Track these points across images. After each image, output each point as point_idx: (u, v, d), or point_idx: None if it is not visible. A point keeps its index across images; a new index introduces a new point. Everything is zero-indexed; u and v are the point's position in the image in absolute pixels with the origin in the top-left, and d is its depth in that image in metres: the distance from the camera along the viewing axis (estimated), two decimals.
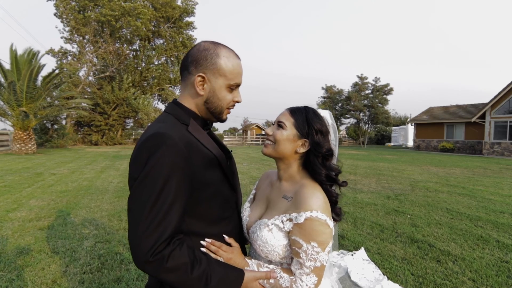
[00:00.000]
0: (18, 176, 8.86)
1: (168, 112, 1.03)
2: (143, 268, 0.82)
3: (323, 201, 1.00)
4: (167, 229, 0.82)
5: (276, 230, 1.02)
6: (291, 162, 1.11)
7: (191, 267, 0.84)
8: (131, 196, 0.86)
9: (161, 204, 0.83)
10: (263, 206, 1.17)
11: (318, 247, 0.96)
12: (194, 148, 0.94)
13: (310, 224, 0.96)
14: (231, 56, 1.02)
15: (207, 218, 0.98)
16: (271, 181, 1.23)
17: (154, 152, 0.85)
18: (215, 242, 0.98)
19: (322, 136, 1.08)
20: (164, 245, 0.82)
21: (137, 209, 0.83)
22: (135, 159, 0.90)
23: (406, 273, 3.06)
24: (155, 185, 0.83)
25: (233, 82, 1.01)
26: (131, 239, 0.83)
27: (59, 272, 3.02)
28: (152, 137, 0.88)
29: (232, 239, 1.05)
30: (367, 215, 5.12)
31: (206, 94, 1.01)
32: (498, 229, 4.48)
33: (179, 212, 0.87)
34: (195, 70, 1.00)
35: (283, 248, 1.02)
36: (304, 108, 1.13)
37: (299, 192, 1.03)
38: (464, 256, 3.48)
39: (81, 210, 5.27)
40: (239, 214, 1.16)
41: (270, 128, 1.14)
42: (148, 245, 0.80)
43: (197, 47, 1.02)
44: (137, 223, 0.82)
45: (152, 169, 0.84)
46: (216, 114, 1.05)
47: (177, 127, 0.96)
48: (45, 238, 3.92)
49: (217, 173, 1.01)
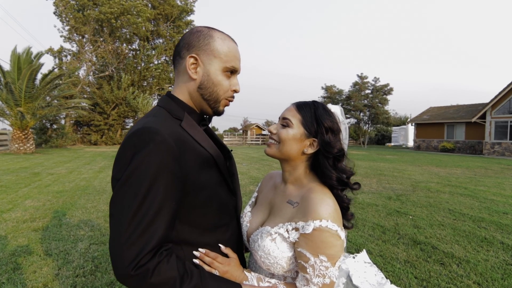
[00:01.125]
0: (15, 176, 8.76)
1: (160, 105, 0.92)
2: (124, 282, 0.72)
3: (334, 208, 0.89)
4: (152, 238, 0.72)
5: (279, 240, 0.91)
6: (297, 164, 1.00)
7: (180, 283, 0.74)
8: (113, 200, 0.76)
9: (146, 210, 0.72)
10: (265, 211, 1.05)
11: (328, 262, 0.85)
12: (187, 146, 0.83)
13: (319, 235, 0.84)
14: (226, 38, 0.93)
15: (202, 225, 0.88)
16: (274, 183, 1.11)
17: (139, 150, 0.75)
18: (210, 253, 0.88)
19: (333, 134, 0.96)
20: (149, 257, 0.71)
21: (118, 215, 0.73)
22: (118, 157, 0.79)
23: (409, 276, 2.96)
24: (140, 187, 0.73)
25: (229, 65, 0.91)
26: (112, 249, 0.72)
27: (51, 275, 2.92)
28: (138, 132, 0.77)
29: (229, 249, 0.94)
30: (369, 216, 5.03)
31: (199, 78, 0.90)
32: (502, 230, 4.39)
33: (167, 219, 0.76)
34: (187, 53, 0.90)
35: (288, 260, 0.91)
36: (312, 103, 1.00)
37: (306, 198, 0.92)
38: (469, 259, 3.38)
39: (77, 210, 5.18)
40: (238, 220, 1.04)
41: (274, 125, 1.01)
42: (130, 257, 0.69)
43: (189, 31, 0.93)
44: (118, 231, 0.72)
45: (137, 169, 0.73)
46: (211, 102, 0.93)
47: (168, 122, 0.85)
48: (38, 239, 3.83)
49: (214, 174, 0.90)
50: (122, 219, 0.72)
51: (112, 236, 0.73)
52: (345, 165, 0.99)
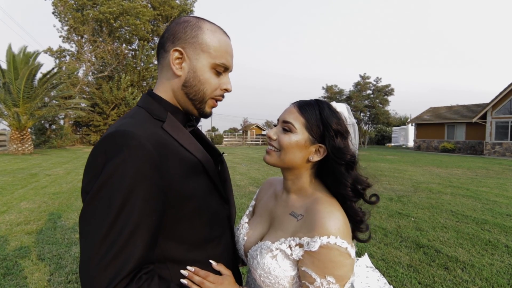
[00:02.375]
0: (12, 177, 8.66)
1: (140, 105, 0.82)
2: None
3: (343, 222, 0.78)
4: (128, 261, 0.61)
5: (281, 257, 0.80)
6: (301, 172, 0.88)
7: None
8: (82, 216, 0.64)
9: (121, 228, 0.61)
10: (265, 223, 0.94)
11: (336, 284, 0.74)
12: (169, 150, 0.72)
13: (327, 254, 0.74)
14: (218, 31, 0.81)
15: (190, 240, 0.77)
16: (275, 191, 0.99)
17: (111, 157, 0.64)
18: (200, 271, 0.77)
19: (343, 138, 0.85)
20: (125, 282, 0.61)
21: (89, 234, 0.62)
22: (88, 166, 0.68)
23: (413, 282, 2.87)
24: (113, 201, 0.62)
25: (219, 62, 0.80)
26: (82, 274, 0.61)
27: (43, 281, 2.83)
28: (111, 136, 0.67)
29: (221, 265, 0.83)
30: (370, 218, 4.92)
31: (184, 74, 0.79)
32: (506, 233, 4.29)
33: (147, 237, 0.65)
34: (171, 45, 0.79)
35: (290, 280, 0.80)
36: (316, 103, 0.88)
37: (312, 210, 0.81)
38: (473, 263, 3.29)
39: (72, 213, 5.08)
40: (232, 232, 0.93)
41: (273, 130, 0.88)
42: (103, 283, 0.59)
43: (176, 20, 0.82)
44: (89, 253, 0.61)
45: (109, 180, 0.63)
46: (196, 102, 0.82)
47: (147, 124, 0.74)
48: (32, 243, 3.73)
49: (202, 182, 0.79)
50: (93, 238, 0.61)
51: (82, 258, 0.62)
52: (360, 175, 0.87)
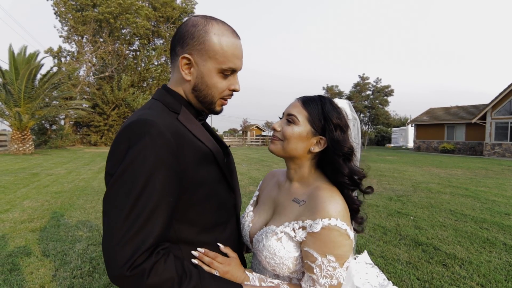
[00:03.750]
0: (14, 176, 8.72)
1: (156, 98, 0.87)
2: (118, 284, 0.67)
3: (343, 206, 0.85)
4: (148, 237, 0.67)
5: (286, 240, 0.87)
6: (303, 162, 0.95)
7: (179, 284, 0.69)
8: (106, 197, 0.71)
9: (142, 207, 0.68)
10: (269, 210, 1.01)
11: (336, 262, 0.81)
12: (185, 140, 0.78)
13: (328, 234, 0.81)
14: (225, 34, 0.84)
15: (200, 223, 0.83)
16: (278, 181, 1.06)
17: (134, 143, 0.70)
18: (209, 252, 0.83)
19: (342, 132, 0.92)
20: (145, 256, 0.67)
21: (112, 212, 0.68)
22: (112, 151, 0.75)
23: (411, 278, 2.92)
24: (135, 183, 0.68)
25: (226, 66, 0.83)
26: (105, 249, 0.67)
27: (48, 276, 2.88)
28: (133, 124, 0.73)
29: (228, 248, 0.89)
30: (369, 217, 4.98)
31: (193, 79, 0.84)
32: (505, 231, 4.35)
33: (165, 217, 0.71)
34: (181, 51, 0.84)
35: (294, 261, 0.87)
36: (318, 98, 0.95)
37: (314, 195, 0.87)
38: (471, 260, 3.34)
39: (75, 211, 5.14)
40: (237, 219, 0.99)
41: (278, 122, 0.96)
42: (125, 257, 0.65)
43: (185, 22, 0.86)
44: (112, 230, 0.67)
45: (132, 164, 0.69)
46: (206, 104, 0.88)
47: (164, 115, 0.80)
48: (36, 240, 3.78)
49: (213, 171, 0.85)
50: (117, 216, 0.67)
51: (105, 235, 0.68)
52: (356, 166, 0.94)
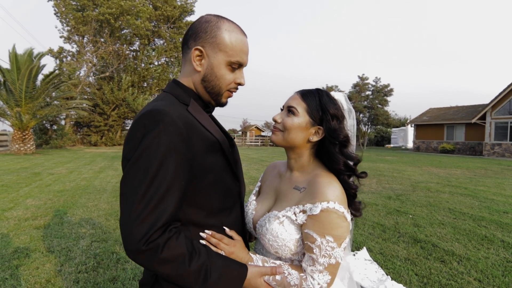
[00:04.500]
0: (16, 175, 8.77)
1: (167, 91, 0.94)
2: (134, 258, 0.74)
3: (340, 191, 0.91)
4: (162, 215, 0.74)
5: (287, 223, 0.93)
6: (302, 151, 1.02)
7: (189, 259, 0.76)
8: (124, 179, 0.77)
9: (156, 188, 0.74)
10: (271, 198, 1.07)
11: (334, 242, 0.87)
12: (194, 129, 0.85)
13: (326, 216, 0.87)
14: (235, 30, 0.92)
15: (207, 207, 0.89)
16: (279, 172, 1.13)
17: (149, 130, 0.76)
18: (216, 234, 0.89)
19: (338, 122, 0.98)
20: (159, 233, 0.73)
21: (129, 193, 0.75)
22: (128, 138, 0.81)
23: (410, 273, 2.98)
24: (150, 167, 0.74)
25: (234, 59, 0.91)
26: (122, 226, 0.74)
27: (54, 271, 2.94)
28: (148, 114, 0.79)
29: (234, 231, 0.95)
30: (369, 215, 5.04)
31: (203, 70, 0.91)
32: (503, 229, 4.40)
33: (177, 197, 0.78)
34: (193, 44, 0.91)
35: (295, 242, 0.93)
36: (316, 91, 1.02)
37: (313, 182, 0.94)
38: (469, 256, 3.40)
39: (78, 209, 5.19)
40: (241, 206, 1.06)
41: (278, 114, 1.02)
42: (141, 233, 0.71)
43: (198, 19, 0.93)
44: (129, 209, 0.73)
45: (147, 149, 0.75)
46: (213, 95, 0.95)
47: (176, 106, 0.87)
48: (40, 237, 3.84)
49: (219, 159, 0.91)
50: (133, 196, 0.73)
51: (123, 213, 0.75)
52: (352, 152, 1.01)
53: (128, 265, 3.08)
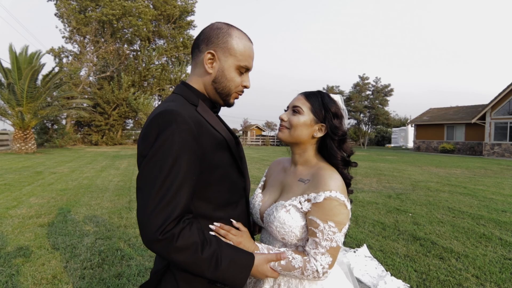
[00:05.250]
0: (18, 174, 8.84)
1: (177, 92, 1.01)
2: (151, 247, 0.80)
3: (341, 182, 1.00)
4: (176, 207, 0.80)
5: (293, 211, 1.01)
6: (307, 147, 1.11)
7: (201, 247, 0.82)
8: (140, 175, 0.83)
9: (171, 183, 0.80)
10: (277, 191, 1.15)
11: (335, 227, 0.95)
12: (203, 128, 0.91)
13: (329, 204, 0.96)
14: (244, 38, 1.00)
15: (215, 201, 0.96)
16: (284, 167, 1.21)
17: (163, 129, 0.82)
18: (224, 226, 0.96)
19: (338, 119, 1.08)
20: (174, 223, 0.79)
21: (146, 187, 0.81)
22: (144, 136, 0.87)
23: (409, 270, 3.03)
24: (165, 163, 0.81)
25: (243, 64, 0.99)
26: (140, 218, 0.80)
27: (60, 267, 2.99)
28: (162, 114, 0.85)
29: (240, 223, 1.02)
30: (369, 214, 5.10)
31: (214, 73, 0.98)
32: (501, 227, 4.46)
33: (189, 192, 0.84)
34: (205, 48, 0.98)
35: (301, 229, 1.01)
36: (318, 92, 1.12)
37: (317, 174, 1.03)
38: (467, 253, 3.46)
39: (81, 207, 5.25)
40: (246, 200, 1.12)
41: (285, 114, 1.11)
42: (158, 223, 0.77)
43: (210, 26, 1.00)
44: (146, 202, 0.80)
45: (162, 147, 0.81)
46: (223, 95, 1.01)
47: (186, 106, 0.93)
48: (45, 234, 3.90)
49: (226, 156, 0.98)
50: (150, 190, 0.80)
51: (140, 206, 0.81)
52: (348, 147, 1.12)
53: (133, 261, 3.13)
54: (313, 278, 0.98)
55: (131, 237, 3.83)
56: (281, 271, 0.98)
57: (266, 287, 1.07)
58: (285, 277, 1.03)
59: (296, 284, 1.03)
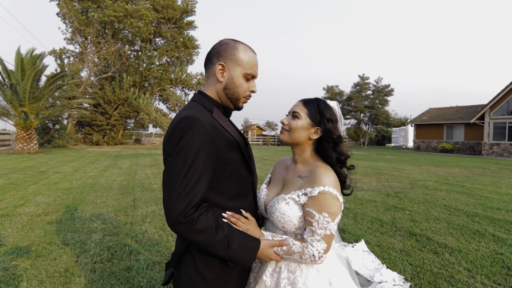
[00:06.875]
0: (23, 174, 8.99)
1: (195, 100, 1.18)
2: (175, 228, 0.96)
3: (335, 179, 1.15)
4: (196, 196, 0.96)
5: (292, 203, 1.16)
6: (305, 147, 1.25)
7: (216, 231, 0.98)
8: (166, 169, 1.01)
9: (192, 175, 0.97)
10: (279, 186, 1.30)
11: (329, 217, 1.10)
12: (218, 131, 1.08)
13: (323, 197, 1.10)
14: (248, 50, 1.18)
15: (227, 193, 1.12)
16: (286, 165, 1.37)
17: (186, 132, 0.99)
18: (235, 215, 1.12)
19: (332, 124, 1.22)
20: (194, 209, 0.95)
21: (171, 179, 0.98)
22: (169, 138, 1.04)
23: (404, 263, 3.18)
24: (187, 159, 0.97)
25: (249, 72, 1.16)
26: (166, 204, 0.97)
27: (71, 262, 3.14)
28: (184, 119, 1.02)
29: (249, 213, 1.18)
30: (367, 211, 5.24)
31: (225, 81, 1.15)
32: (494, 224, 4.60)
33: (206, 184, 1.00)
34: (216, 60, 1.15)
35: (298, 219, 1.16)
36: (315, 99, 1.27)
37: (313, 171, 1.18)
38: (461, 249, 3.60)
39: (87, 206, 5.40)
40: (254, 194, 1.28)
41: (285, 118, 1.28)
42: (181, 208, 0.94)
43: (219, 42, 1.18)
44: (171, 191, 0.96)
45: (184, 147, 0.98)
46: (233, 100, 1.18)
47: (203, 113, 1.10)
48: (54, 231, 4.04)
49: (237, 155, 1.15)
50: (174, 182, 0.97)
51: (166, 195, 0.98)
52: (343, 149, 1.25)
53: (141, 256, 3.28)
54: (311, 262, 1.12)
55: (137, 233, 3.98)
56: (283, 255, 1.14)
57: (270, 269, 1.22)
58: (286, 260, 1.18)
59: (295, 267, 1.18)
